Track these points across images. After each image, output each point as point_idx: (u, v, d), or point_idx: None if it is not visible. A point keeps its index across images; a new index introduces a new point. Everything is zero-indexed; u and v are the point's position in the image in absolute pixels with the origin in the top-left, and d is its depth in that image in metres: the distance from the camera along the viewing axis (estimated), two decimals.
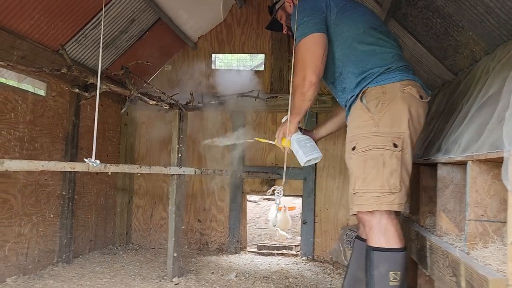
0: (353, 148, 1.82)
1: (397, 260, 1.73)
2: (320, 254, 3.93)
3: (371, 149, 1.76)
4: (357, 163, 1.80)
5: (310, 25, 1.93)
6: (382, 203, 1.72)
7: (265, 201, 6.73)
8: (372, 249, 1.76)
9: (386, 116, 1.78)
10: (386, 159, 1.73)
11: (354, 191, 1.80)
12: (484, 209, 1.45)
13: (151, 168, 2.77)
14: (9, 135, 2.68)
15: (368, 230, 1.79)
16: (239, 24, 4.24)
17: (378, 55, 1.90)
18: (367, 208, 1.75)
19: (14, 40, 2.55)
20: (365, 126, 1.81)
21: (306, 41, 1.92)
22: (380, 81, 1.85)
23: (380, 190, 1.72)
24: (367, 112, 1.81)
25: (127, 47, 3.59)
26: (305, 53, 1.91)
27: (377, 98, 1.82)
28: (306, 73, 1.90)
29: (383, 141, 1.76)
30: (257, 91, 4.04)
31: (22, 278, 2.77)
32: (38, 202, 2.97)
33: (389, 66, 1.88)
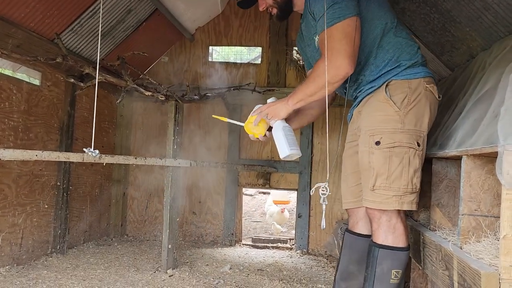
0: (377, 143, 1.72)
1: (401, 259, 1.72)
2: (314, 248, 3.94)
3: (396, 146, 1.69)
4: (380, 159, 1.71)
5: (349, 6, 1.71)
6: (403, 202, 1.69)
7: (261, 194, 6.74)
8: (378, 246, 1.73)
9: (412, 113, 1.72)
10: (411, 158, 1.69)
11: (374, 188, 1.72)
12: (477, 204, 1.46)
13: (146, 159, 2.76)
14: (3, 125, 2.66)
15: (375, 226, 1.75)
16: (237, 17, 4.22)
17: (405, 48, 1.81)
18: (388, 206, 1.70)
19: (9, 28, 2.52)
20: (390, 120, 1.72)
21: (347, 25, 1.70)
22: (406, 75, 1.77)
23: (404, 189, 1.68)
24: (393, 106, 1.72)
25: (124, 37, 3.57)
26: (345, 39, 1.69)
27: (403, 92, 1.74)
28: (343, 63, 1.69)
29: (408, 139, 1.70)
30: (253, 84, 4.04)
31: (16, 268, 2.77)
32: (32, 192, 2.96)
33: (415, 60, 1.81)
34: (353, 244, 2.02)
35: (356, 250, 1.99)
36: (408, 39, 1.85)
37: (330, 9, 1.71)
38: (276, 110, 1.91)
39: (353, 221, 2.07)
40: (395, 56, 1.79)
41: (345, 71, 1.70)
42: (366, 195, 1.77)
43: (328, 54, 1.69)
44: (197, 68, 4.26)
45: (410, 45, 1.83)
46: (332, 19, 1.70)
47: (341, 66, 1.69)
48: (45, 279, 2.62)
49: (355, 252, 2.00)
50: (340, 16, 1.69)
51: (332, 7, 1.71)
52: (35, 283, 2.54)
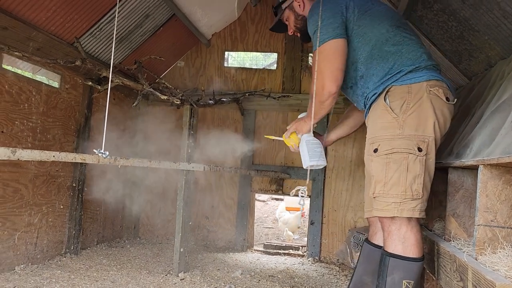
0: (375, 150, 1.75)
1: (413, 270, 1.67)
2: (326, 256, 3.91)
3: (394, 152, 1.69)
4: (378, 166, 1.73)
5: (329, 30, 1.82)
6: (403, 209, 1.67)
7: (274, 200, 6.73)
8: (388, 255, 1.70)
9: (411, 117, 1.70)
10: (410, 164, 1.67)
11: (374, 195, 1.74)
12: (494, 215, 1.43)
13: (161, 163, 2.78)
14: (22, 126, 2.71)
15: (386, 235, 1.73)
16: (253, 22, 4.25)
17: (405, 55, 1.81)
18: (387, 213, 1.69)
19: (30, 32, 2.58)
20: (388, 127, 1.73)
21: (324, 49, 1.82)
22: (406, 80, 1.77)
23: (402, 196, 1.66)
24: (391, 113, 1.73)
25: (141, 42, 3.61)
26: (323, 61, 1.82)
27: (402, 98, 1.74)
28: (325, 83, 1.81)
29: (407, 145, 1.68)
30: (268, 90, 4.05)
31: (30, 267, 2.81)
32: (48, 193, 3.01)
33: (417, 65, 1.79)
34: (370, 255, 2.01)
35: (371, 260, 1.98)
36: (411, 45, 1.84)
37: (314, 34, 1.86)
38: (300, 126, 2.09)
39: (372, 231, 2.06)
40: (396, 64, 1.80)
41: (328, 90, 1.81)
42: (373, 204, 1.79)
43: (318, 74, 1.83)
44: (212, 73, 4.29)
45: (412, 51, 1.82)
46: (314, 44, 1.85)
47: (324, 87, 1.82)
48: (59, 279, 2.65)
49: (370, 262, 1.98)
50: (320, 41, 1.82)
51: (315, 33, 1.85)
52: (49, 282, 2.57)
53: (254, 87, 4.16)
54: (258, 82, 4.20)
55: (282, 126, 4.08)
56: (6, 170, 2.61)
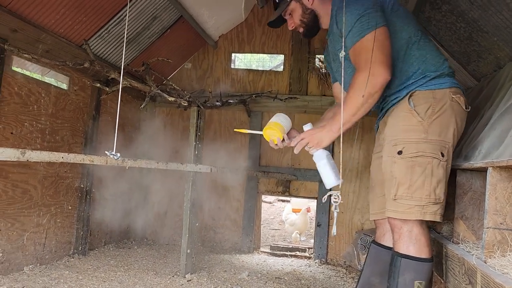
0: (399, 152, 1.72)
1: (424, 270, 1.68)
2: (333, 258, 3.90)
3: (419, 156, 1.69)
4: (402, 169, 1.71)
5: (377, 16, 1.72)
6: (426, 212, 1.67)
7: (280, 202, 6.72)
8: (400, 256, 1.70)
9: (436, 123, 1.71)
10: (434, 168, 1.68)
11: (396, 197, 1.71)
12: (503, 217, 1.42)
13: (168, 164, 2.79)
14: (31, 127, 2.74)
15: (397, 236, 1.74)
16: (260, 24, 4.25)
17: (430, 60, 1.81)
18: (409, 216, 1.68)
19: (39, 34, 2.61)
20: (414, 130, 1.72)
21: (379, 33, 1.70)
22: (430, 86, 1.77)
23: (426, 200, 1.67)
24: (416, 116, 1.72)
25: (149, 44, 3.63)
26: (379, 48, 1.68)
27: (427, 102, 1.74)
28: (379, 70, 1.67)
29: (432, 149, 1.69)
30: (275, 92, 4.05)
31: (38, 268, 2.83)
32: (57, 194, 3.03)
33: (441, 71, 1.80)
34: (378, 256, 2.00)
35: (379, 261, 1.97)
36: (434, 51, 1.84)
37: (357, 22, 1.72)
38: (318, 140, 1.82)
39: (379, 233, 2.05)
40: (420, 69, 1.79)
41: (383, 77, 1.68)
42: (388, 204, 1.76)
43: (363, 65, 1.69)
44: (219, 74, 4.30)
45: (436, 57, 1.82)
46: (361, 31, 1.71)
47: (379, 74, 1.67)
48: (67, 279, 2.67)
49: (378, 263, 1.97)
50: (370, 27, 1.70)
51: (360, 20, 1.72)
52: (57, 282, 2.59)
53: (261, 88, 4.17)
54: (265, 83, 4.20)
55: None
56: (15, 171, 2.64)
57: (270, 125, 1.92)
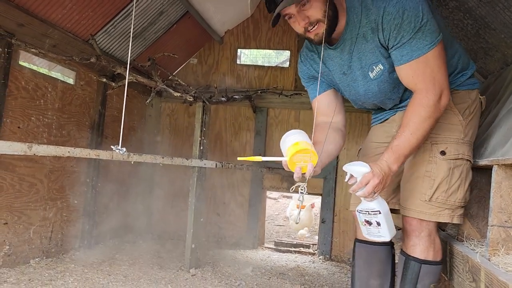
0: (442, 153, 1.60)
1: (438, 273, 1.68)
2: (337, 254, 3.91)
3: (459, 158, 1.61)
4: (444, 170, 1.60)
5: (436, 28, 1.48)
6: (454, 215, 1.62)
7: (285, 198, 6.73)
8: (419, 262, 1.64)
9: (471, 124, 1.65)
10: (468, 171, 1.62)
11: (431, 199, 1.61)
12: (508, 215, 1.42)
13: (173, 159, 2.80)
14: (38, 121, 2.76)
15: (416, 241, 1.65)
16: (266, 20, 4.24)
17: (463, 59, 1.72)
18: (439, 218, 1.62)
19: (46, 29, 2.62)
20: (454, 130, 1.62)
21: (441, 49, 1.49)
22: (467, 85, 1.70)
23: (459, 203, 1.61)
24: (457, 115, 1.63)
25: (155, 39, 3.64)
26: (442, 66, 1.49)
27: (466, 102, 1.66)
28: (444, 92, 1.49)
29: (468, 151, 1.63)
30: (281, 88, 4.05)
31: (45, 261, 2.86)
32: (63, 188, 3.05)
33: (472, 71, 1.73)
34: (371, 256, 1.86)
35: (375, 262, 1.86)
36: (463, 51, 1.75)
37: (419, 33, 1.45)
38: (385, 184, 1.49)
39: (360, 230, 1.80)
40: (458, 67, 1.70)
41: (448, 99, 1.51)
42: (416, 205, 1.64)
43: (430, 87, 1.47)
44: (225, 70, 4.30)
45: (465, 55, 1.75)
46: (425, 45, 1.46)
47: (446, 97, 1.50)
48: (72, 273, 2.69)
49: (375, 264, 1.86)
50: (434, 41, 1.46)
51: (421, 30, 1.45)
52: (63, 275, 2.62)
53: (266, 84, 4.17)
54: (270, 79, 4.20)
55: (294, 124, 4.07)
56: (22, 165, 2.66)
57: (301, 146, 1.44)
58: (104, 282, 2.59)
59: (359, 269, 1.87)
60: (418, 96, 1.49)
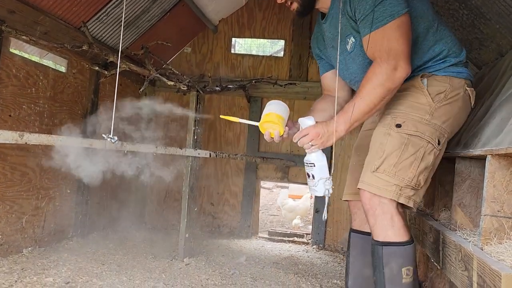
0: (398, 125, 1.61)
1: (409, 254, 1.59)
2: (331, 243, 3.93)
3: (417, 136, 1.59)
4: (395, 143, 1.59)
5: (401, 2, 1.53)
6: (401, 194, 1.57)
7: (279, 188, 6.74)
8: (380, 244, 1.59)
9: (444, 109, 1.63)
10: (426, 153, 1.59)
11: (378, 170, 1.59)
12: (501, 205, 1.43)
13: (167, 149, 2.79)
14: (29, 110, 2.73)
15: (372, 221, 1.61)
16: (261, 9, 4.21)
17: (451, 46, 1.70)
18: (384, 193, 1.57)
19: (37, 16, 2.57)
20: (418, 109, 1.62)
21: (402, 22, 1.53)
22: (449, 72, 1.68)
23: (407, 182, 1.57)
24: (427, 96, 1.63)
25: (148, 27, 3.60)
26: (400, 38, 1.52)
27: (442, 87, 1.65)
28: (400, 64, 1.52)
29: (431, 133, 1.61)
30: (275, 77, 4.03)
31: (38, 250, 2.84)
32: (55, 177, 3.03)
33: (460, 59, 1.71)
34: (365, 245, 1.83)
35: (369, 251, 1.79)
36: (452, 37, 1.74)
37: (380, 5, 1.53)
38: (324, 139, 1.62)
39: (360, 219, 1.90)
40: (442, 53, 1.69)
41: (406, 72, 1.54)
42: (365, 176, 1.64)
43: (385, 56, 1.53)
44: (219, 59, 4.27)
45: (456, 44, 1.73)
46: (385, 17, 1.52)
47: (401, 68, 1.53)
48: (66, 262, 2.68)
49: (368, 253, 1.80)
50: (394, 13, 1.52)
51: (382, 3, 1.52)
52: (56, 265, 2.61)
53: (260, 74, 4.15)
54: (265, 69, 4.18)
55: None
56: (13, 154, 2.63)
57: (270, 117, 1.66)
58: (98, 271, 2.59)
59: (354, 259, 1.89)
60: (373, 65, 1.56)
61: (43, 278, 2.35)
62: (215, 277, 2.66)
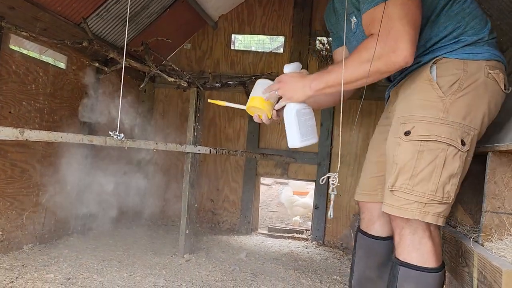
0: (407, 133, 1.37)
1: (429, 283, 1.37)
2: (330, 240, 3.94)
3: (432, 140, 1.34)
4: (407, 153, 1.37)
5: None
6: (427, 212, 1.34)
7: (278, 184, 6.75)
8: (399, 263, 1.40)
9: (461, 101, 1.35)
10: (448, 158, 1.33)
11: (393, 188, 1.38)
12: (501, 201, 1.43)
13: (167, 145, 2.79)
14: (29, 106, 2.72)
15: (398, 239, 1.43)
16: (261, 5, 4.20)
17: (468, 21, 1.42)
18: (406, 214, 1.36)
19: (36, 12, 2.56)
20: (429, 107, 1.36)
21: (406, 2, 1.29)
22: (463, 54, 1.39)
23: (431, 196, 1.33)
24: (437, 89, 1.36)
25: (148, 23, 3.59)
26: (406, 17, 1.28)
27: (455, 74, 1.37)
28: (405, 46, 1.27)
29: (449, 134, 1.34)
30: (275, 74, 4.02)
31: (38, 247, 2.85)
32: (56, 173, 3.03)
33: (481, 36, 1.42)
34: (370, 248, 1.75)
35: (373, 255, 1.74)
36: (474, 10, 1.45)
37: None
38: (291, 92, 1.51)
39: (367, 220, 1.76)
40: (455, 31, 1.42)
41: (406, 60, 1.28)
42: (384, 196, 1.45)
43: (384, 34, 1.29)
44: (219, 56, 4.27)
45: (476, 17, 1.43)
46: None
47: (401, 50, 1.27)
48: (66, 258, 2.69)
49: (372, 256, 1.74)
50: None
51: None
52: (56, 261, 2.61)
53: (260, 70, 4.14)
54: (265, 65, 4.18)
55: None
56: (14, 150, 2.63)
57: (254, 102, 1.61)
58: (99, 267, 2.59)
59: (359, 259, 1.80)
60: (369, 37, 1.35)
61: (44, 274, 2.35)
62: (216, 273, 2.67)
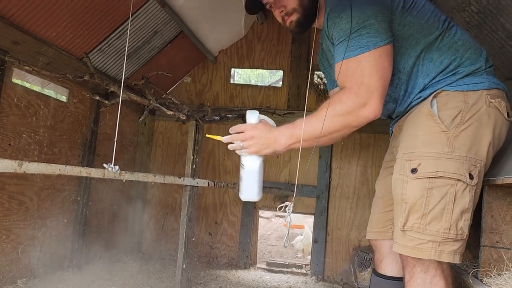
0: (413, 170, 1.35)
1: None
2: (330, 275, 3.87)
3: (439, 176, 1.31)
4: (416, 191, 1.34)
5: (381, 31, 1.34)
6: (442, 251, 1.30)
7: (277, 218, 6.69)
8: None
9: (465, 134, 1.34)
10: (458, 194, 1.31)
11: (405, 227, 1.35)
12: (499, 236, 1.43)
13: (165, 177, 2.79)
14: (29, 139, 2.74)
15: (408, 277, 1.38)
16: (260, 40, 4.30)
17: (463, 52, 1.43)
18: (421, 254, 1.32)
19: (40, 46, 2.63)
20: (434, 142, 1.34)
21: (380, 56, 1.32)
22: (462, 85, 1.39)
23: (445, 234, 1.30)
24: (439, 124, 1.35)
25: (149, 58, 3.66)
26: (376, 73, 1.32)
27: (456, 108, 1.36)
28: (371, 101, 1.31)
29: (457, 168, 1.31)
30: (273, 107, 4.08)
31: (32, 281, 2.80)
32: (53, 206, 3.02)
33: (478, 66, 1.42)
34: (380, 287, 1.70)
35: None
36: (467, 40, 1.46)
37: (355, 34, 1.34)
38: (257, 147, 1.44)
39: (377, 258, 1.73)
40: (452, 64, 1.42)
41: (375, 113, 1.32)
42: (395, 236, 1.40)
43: (356, 88, 1.32)
44: (218, 89, 4.33)
45: (470, 48, 1.44)
46: (359, 47, 1.33)
47: (371, 107, 1.31)
48: None
49: None
50: (370, 45, 1.32)
51: (359, 31, 1.33)
52: None
53: (259, 104, 4.19)
54: (263, 99, 4.23)
55: None
56: (12, 182, 2.63)
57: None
58: None
59: None
60: (342, 90, 1.37)
61: None
62: None
